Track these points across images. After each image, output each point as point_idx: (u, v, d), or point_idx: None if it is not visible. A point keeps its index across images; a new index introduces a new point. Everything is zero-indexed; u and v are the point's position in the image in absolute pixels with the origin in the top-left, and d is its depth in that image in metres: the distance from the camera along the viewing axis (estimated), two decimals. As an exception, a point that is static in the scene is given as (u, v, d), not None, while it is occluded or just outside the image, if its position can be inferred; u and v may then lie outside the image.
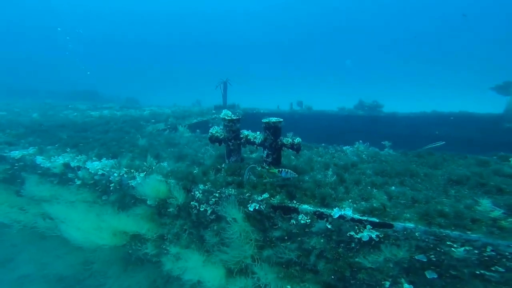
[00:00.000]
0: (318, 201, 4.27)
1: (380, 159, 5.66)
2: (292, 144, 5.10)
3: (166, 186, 5.30)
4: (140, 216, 5.45)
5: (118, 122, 10.54)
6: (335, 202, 4.18)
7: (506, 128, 12.14)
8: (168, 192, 5.26)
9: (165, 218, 5.53)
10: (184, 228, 5.50)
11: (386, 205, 3.72)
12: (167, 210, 5.42)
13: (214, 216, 5.18)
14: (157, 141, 7.94)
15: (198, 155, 6.71)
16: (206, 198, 5.11)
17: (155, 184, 5.25)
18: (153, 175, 5.53)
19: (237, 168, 5.35)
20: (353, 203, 4.12)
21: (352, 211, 3.86)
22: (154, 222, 5.55)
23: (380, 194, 4.18)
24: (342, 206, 4.06)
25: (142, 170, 5.71)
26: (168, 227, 5.53)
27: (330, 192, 4.33)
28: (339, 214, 3.98)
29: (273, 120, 5.20)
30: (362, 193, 4.27)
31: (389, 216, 3.59)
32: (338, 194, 4.35)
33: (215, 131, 5.98)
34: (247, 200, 4.72)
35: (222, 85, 16.37)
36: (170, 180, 5.36)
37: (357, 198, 4.20)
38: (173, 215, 5.50)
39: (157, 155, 6.45)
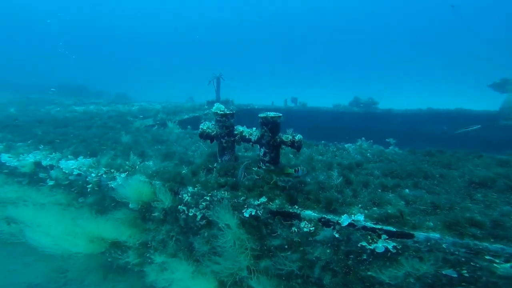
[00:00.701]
0: (323, 206, 3.75)
1: (387, 158, 5.19)
2: (292, 141, 4.56)
3: (150, 188, 4.71)
4: (121, 221, 4.85)
5: (103, 118, 9.83)
6: (343, 208, 3.67)
7: (503, 126, 11.93)
8: (153, 194, 4.67)
9: (150, 223, 4.94)
10: (170, 235, 4.91)
11: (403, 211, 3.22)
12: (152, 214, 4.82)
13: (205, 221, 4.63)
14: (143, 138, 7.29)
15: (188, 153, 6.12)
16: (195, 202, 4.54)
17: (138, 185, 4.65)
18: (136, 175, 4.93)
19: (230, 168, 4.79)
20: (364, 208, 3.61)
21: (363, 218, 3.35)
22: (137, 227, 4.95)
23: (394, 198, 3.68)
24: (352, 213, 3.55)
25: (124, 169, 5.09)
26: (152, 233, 4.94)
27: (337, 196, 3.81)
28: (349, 222, 3.47)
29: (271, 115, 4.65)
30: (373, 197, 3.77)
31: (408, 225, 3.10)
32: (345, 198, 3.84)
33: (206, 127, 5.39)
34: (242, 204, 4.18)
35: (215, 80, 15.70)
36: (155, 181, 4.77)
37: (368, 202, 3.70)
38: (159, 220, 4.91)
39: (142, 153, 5.82)
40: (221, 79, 15.81)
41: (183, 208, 4.63)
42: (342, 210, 3.64)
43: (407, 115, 13.88)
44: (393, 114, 14.26)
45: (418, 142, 7.04)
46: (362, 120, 14.95)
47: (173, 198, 4.68)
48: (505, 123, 11.54)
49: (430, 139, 13.02)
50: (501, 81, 12.83)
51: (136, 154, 5.59)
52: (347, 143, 6.65)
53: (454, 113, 13.06)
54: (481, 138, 12.40)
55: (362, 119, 15.03)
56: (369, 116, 15.00)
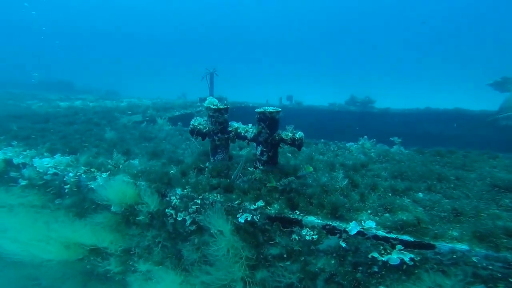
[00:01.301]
0: (328, 212, 3.35)
1: (393, 159, 4.83)
2: (292, 139, 4.15)
3: (134, 189, 4.23)
4: (101, 225, 4.35)
5: (88, 113, 9.23)
6: (350, 214, 3.27)
7: (502, 126, 11.78)
8: (137, 196, 4.19)
9: (134, 228, 4.46)
10: (156, 241, 4.45)
11: (421, 219, 2.84)
12: (136, 218, 4.34)
13: (195, 227, 4.19)
14: (130, 135, 6.77)
15: (177, 151, 5.64)
16: (184, 205, 4.10)
17: (121, 186, 4.17)
18: (120, 175, 4.44)
19: (224, 168, 4.35)
20: (374, 215, 3.23)
21: (375, 226, 2.96)
22: (119, 232, 4.46)
23: (407, 203, 3.30)
24: (361, 219, 3.16)
25: (106, 169, 4.58)
26: (137, 239, 4.46)
27: (343, 200, 3.41)
28: (358, 230, 3.07)
29: (269, 110, 4.22)
30: (384, 202, 3.39)
31: (428, 234, 2.72)
32: (352, 203, 3.45)
33: (198, 122, 4.94)
34: (236, 208, 3.75)
35: (208, 76, 15.17)
36: (140, 182, 4.29)
37: (378, 208, 3.32)
38: (144, 224, 4.44)
39: (127, 151, 5.32)
40: (215, 75, 15.28)
41: (170, 212, 4.18)
42: (350, 217, 3.25)
43: (404, 114, 13.66)
44: (390, 114, 14.03)
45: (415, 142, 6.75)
46: (358, 120, 14.69)
47: (160, 200, 4.22)
48: (504, 123, 11.37)
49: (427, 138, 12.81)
50: (502, 79, 12.66)
51: (121, 152, 5.09)
52: (340, 142, 6.29)
53: (453, 113, 12.89)
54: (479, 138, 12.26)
55: (358, 118, 14.77)
56: (366, 116, 14.74)
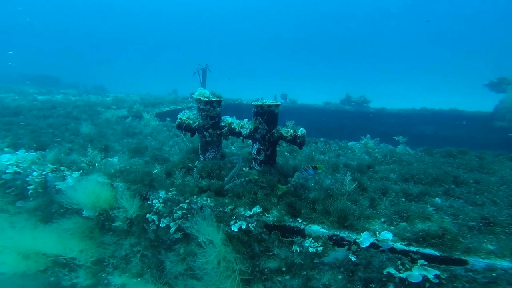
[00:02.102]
0: (335, 219, 2.89)
1: (400, 159, 4.43)
2: (294, 136, 3.67)
3: (110, 192, 3.67)
4: (70, 232, 3.76)
5: (68, 107, 8.52)
6: (361, 222, 2.82)
7: (498, 127, 11.67)
8: (113, 200, 3.63)
9: (110, 235, 3.88)
10: (135, 250, 3.90)
11: (446, 229, 2.41)
12: (113, 224, 3.78)
13: (181, 234, 3.69)
14: (112, 130, 6.16)
15: (163, 148, 5.09)
16: (169, 210, 3.58)
17: (94, 188, 3.60)
18: (94, 175, 3.85)
19: (215, 168, 3.83)
20: (389, 223, 2.79)
21: (392, 237, 2.52)
22: (92, 240, 3.89)
23: (426, 210, 2.87)
24: (373, 229, 2.71)
25: (78, 167, 3.98)
26: (112, 247, 3.89)
27: (352, 207, 2.96)
28: (371, 242, 2.62)
29: (268, 103, 3.73)
30: (398, 209, 2.96)
31: (457, 247, 2.29)
32: (362, 209, 3.00)
33: (187, 116, 4.42)
34: (229, 215, 3.25)
35: (200, 72, 14.54)
36: (117, 183, 3.72)
37: (392, 216, 2.88)
38: (121, 231, 3.88)
39: (106, 147, 4.73)
40: (207, 70, 14.67)
41: (152, 218, 3.64)
42: (360, 226, 2.79)
43: (400, 115, 13.44)
44: (386, 114, 13.79)
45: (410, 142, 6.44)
46: (353, 119, 14.42)
47: (140, 204, 3.68)
48: (500, 124, 11.25)
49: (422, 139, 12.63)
50: (498, 80, 12.58)
51: (98, 149, 4.49)
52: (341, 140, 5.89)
53: (448, 114, 12.74)
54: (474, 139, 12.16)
55: (354, 118, 14.50)
56: (361, 116, 14.47)
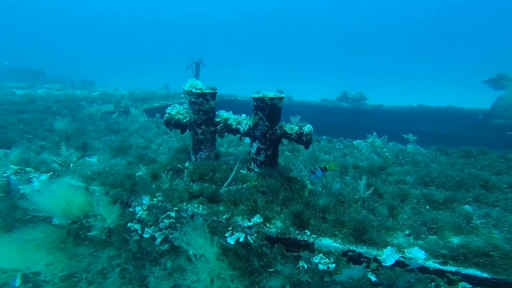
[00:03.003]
0: (350, 232, 2.44)
1: (414, 160, 4.02)
2: (299, 133, 3.20)
3: (85, 197, 3.13)
4: (36, 243, 3.22)
5: (48, 102, 7.84)
6: (381, 235, 2.38)
7: (496, 125, 11.44)
8: (88, 206, 3.10)
9: (84, 246, 3.36)
10: (114, 263, 3.38)
11: (495, 244, 1.99)
12: (88, 233, 3.26)
13: (168, 246, 3.19)
14: (94, 126, 5.58)
15: (150, 147, 4.56)
16: (154, 218, 3.07)
17: (65, 192, 3.05)
18: (67, 177, 3.31)
19: (208, 170, 3.34)
20: (415, 237, 2.36)
21: (425, 255, 2.08)
22: (63, 252, 3.36)
23: (459, 220, 2.44)
24: (397, 243, 2.27)
25: (48, 168, 3.43)
26: (87, 260, 3.37)
27: (369, 217, 2.52)
28: (396, 259, 2.18)
29: (270, 96, 3.25)
30: (424, 219, 2.52)
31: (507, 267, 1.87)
32: (381, 219, 2.55)
33: (176, 111, 3.92)
34: (224, 225, 2.77)
35: (194, 66, 13.90)
36: (93, 187, 3.19)
37: (418, 227, 2.44)
38: (99, 241, 3.36)
39: (84, 145, 4.17)
40: (201, 64, 14.03)
41: (135, 227, 3.13)
42: (381, 240, 2.35)
43: (397, 112, 13.15)
44: (383, 111, 13.50)
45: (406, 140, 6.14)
46: (351, 116, 14.11)
47: (120, 212, 3.16)
48: (498, 122, 11.01)
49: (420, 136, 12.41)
50: (497, 76, 12.33)
51: (75, 147, 3.93)
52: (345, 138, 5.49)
53: (445, 111, 12.52)
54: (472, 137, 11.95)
55: (351, 115, 14.19)
56: (359, 112, 14.19)
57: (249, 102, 3.53)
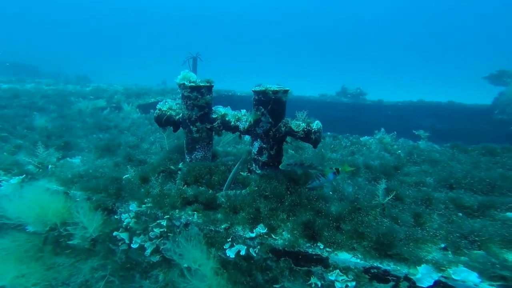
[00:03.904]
0: (372, 244, 2.08)
1: (430, 158, 3.67)
2: (307, 131, 2.83)
3: (64, 203, 2.75)
4: (5, 252, 2.85)
5: (35, 97, 7.38)
6: (410, 249, 2.02)
7: (498, 120, 11.20)
8: (67, 213, 2.72)
9: (64, 255, 2.99)
10: (99, 275, 3.02)
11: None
12: (69, 242, 2.89)
13: (160, 257, 2.81)
14: (82, 123, 5.16)
15: (141, 146, 4.16)
16: (143, 227, 2.68)
17: (39, 197, 2.67)
18: (43, 180, 2.91)
19: (204, 172, 2.96)
20: (454, 251, 2.00)
21: (479, 278, 1.73)
22: (39, 262, 2.99)
23: (502, 230, 2.09)
24: (432, 259, 1.92)
25: (21, 170, 3.03)
26: (66, 271, 3.00)
27: (394, 227, 2.16)
28: (436, 279, 1.83)
29: (273, 88, 2.87)
30: (460, 228, 2.16)
31: None
32: (408, 229, 2.20)
33: (168, 106, 3.53)
34: (223, 235, 2.40)
35: (191, 61, 13.42)
36: (74, 192, 2.80)
37: (456, 238, 2.08)
38: (82, 250, 2.99)
39: (67, 144, 3.76)
40: (198, 59, 13.56)
41: (121, 236, 2.75)
42: (412, 254, 1.99)
43: (397, 107, 12.88)
44: (383, 106, 13.23)
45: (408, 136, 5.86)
46: (350, 111, 13.83)
47: (104, 219, 2.78)
48: (500, 118, 10.76)
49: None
50: (498, 72, 12.05)
51: (55, 146, 3.53)
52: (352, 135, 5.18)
53: (446, 106, 12.25)
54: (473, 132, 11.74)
55: (351, 110, 13.92)
56: (359, 108, 13.92)
57: (249, 98, 3.16)
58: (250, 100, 3.15)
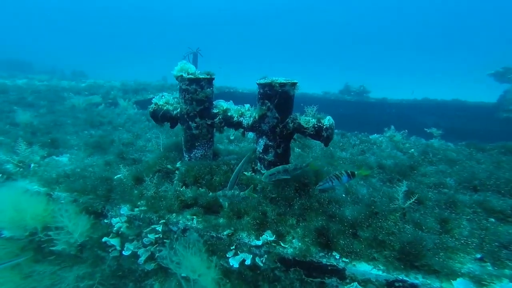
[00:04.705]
0: (394, 254, 1.83)
1: (446, 157, 3.43)
2: (317, 128, 2.57)
3: (45, 205, 2.47)
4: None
5: (25, 92, 7.05)
6: (440, 259, 1.77)
7: (503, 118, 11.00)
8: (50, 216, 2.45)
9: (46, 262, 2.72)
10: (85, 285, 2.76)
11: None
12: (52, 248, 2.62)
13: (155, 265, 2.54)
14: (73, 119, 4.87)
15: (137, 143, 3.87)
16: (136, 232, 2.41)
17: (16, 199, 2.40)
18: (22, 181, 2.63)
19: (205, 172, 2.69)
20: (493, 263, 1.75)
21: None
22: (15, 269, 2.74)
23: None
24: (468, 272, 1.67)
25: None
26: (47, 280, 2.74)
27: (421, 235, 1.91)
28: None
29: (280, 81, 2.60)
30: (497, 236, 1.91)
31: None
32: (435, 236, 1.95)
33: (164, 101, 3.26)
34: (226, 243, 2.14)
35: (191, 56, 13.07)
36: (57, 193, 2.52)
37: (494, 248, 1.83)
38: (67, 257, 2.72)
39: (54, 141, 3.47)
40: (198, 54, 13.20)
41: (112, 243, 2.48)
42: (444, 266, 1.74)
43: (402, 105, 12.66)
44: (387, 104, 13.00)
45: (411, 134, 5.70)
46: (354, 109, 13.63)
47: (92, 224, 2.50)
48: (505, 116, 10.53)
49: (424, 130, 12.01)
50: (503, 70, 11.82)
51: (41, 143, 3.24)
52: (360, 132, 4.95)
53: (451, 104, 12.04)
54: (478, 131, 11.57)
55: (355, 108, 13.72)
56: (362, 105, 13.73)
57: (251, 95, 2.88)
58: (252, 97, 2.89)
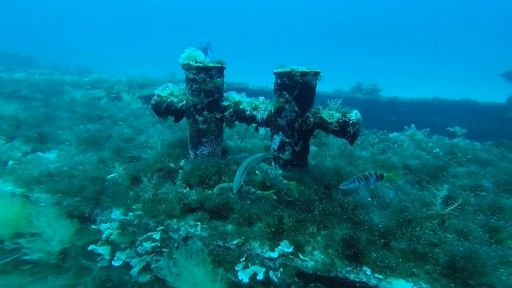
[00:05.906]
0: (440, 270, 1.52)
1: (476, 157, 3.14)
2: (342, 123, 2.26)
3: (19, 208, 2.20)
4: None
5: (21, 86, 6.81)
6: (502, 276, 1.44)
7: None
8: (24, 220, 2.17)
9: (16, 274, 2.47)
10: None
11: None
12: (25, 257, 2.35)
13: (151, 277, 2.24)
14: (70, 112, 4.61)
15: (137, 139, 3.58)
16: (129, 240, 2.10)
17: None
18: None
19: (212, 171, 2.38)
20: None
21: None
22: None
23: None
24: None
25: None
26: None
27: (473, 247, 1.58)
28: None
29: (300, 70, 2.28)
30: None
31: None
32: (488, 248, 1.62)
33: (169, 92, 2.96)
34: (235, 254, 1.81)
35: (201, 50, 12.79)
36: (36, 194, 2.22)
37: None
38: (45, 266, 2.43)
39: (41, 135, 3.20)
40: (208, 49, 12.89)
41: (100, 251, 2.18)
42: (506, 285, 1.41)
43: (413, 104, 12.43)
44: (398, 103, 12.77)
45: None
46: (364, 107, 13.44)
47: (78, 229, 2.20)
48: None
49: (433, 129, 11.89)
50: (516, 69, 11.50)
51: (24, 138, 2.96)
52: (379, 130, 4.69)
53: (461, 104, 11.78)
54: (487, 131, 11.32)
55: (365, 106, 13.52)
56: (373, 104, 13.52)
57: (262, 92, 2.55)
58: (263, 94, 2.56)
